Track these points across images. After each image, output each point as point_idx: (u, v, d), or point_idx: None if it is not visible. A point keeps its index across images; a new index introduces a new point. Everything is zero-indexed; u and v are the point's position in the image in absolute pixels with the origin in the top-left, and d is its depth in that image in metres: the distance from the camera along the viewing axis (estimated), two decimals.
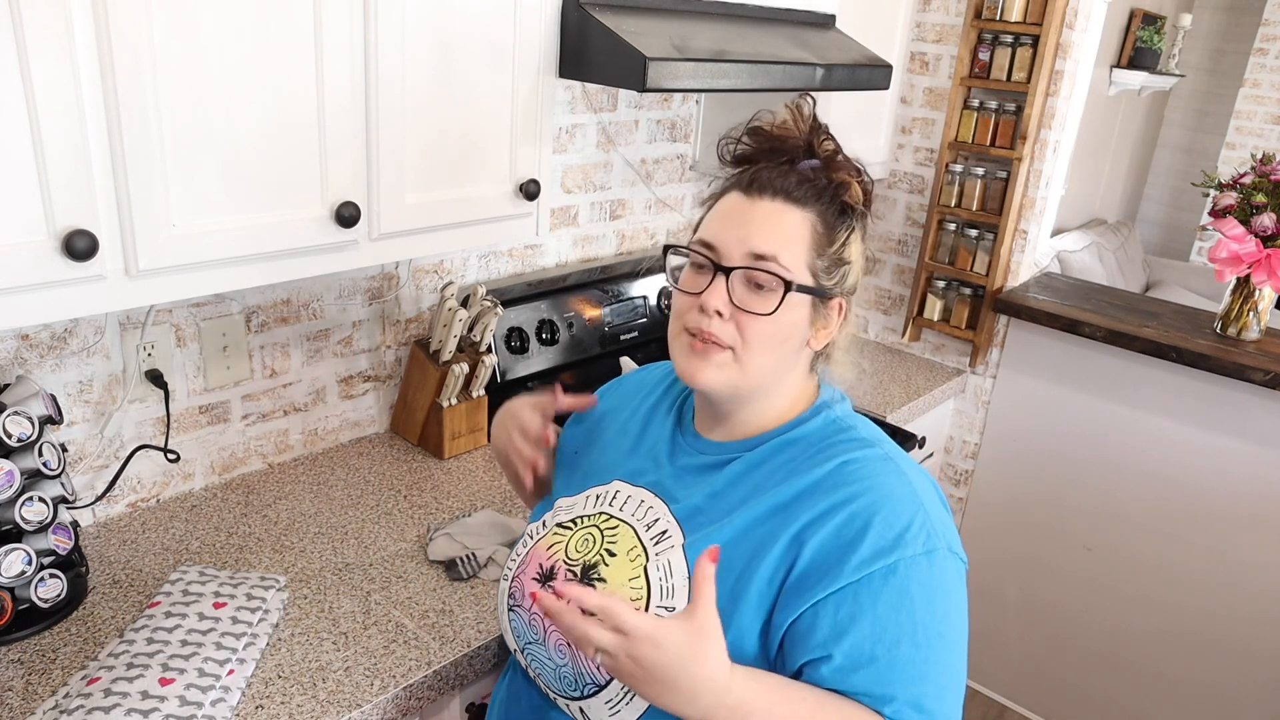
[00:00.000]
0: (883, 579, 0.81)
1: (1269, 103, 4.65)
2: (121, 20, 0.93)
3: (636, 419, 1.06)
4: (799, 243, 0.88)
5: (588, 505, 0.99)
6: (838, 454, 0.89)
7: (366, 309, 1.69)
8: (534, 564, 0.96)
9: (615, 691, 0.86)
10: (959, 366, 2.44)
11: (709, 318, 0.88)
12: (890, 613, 0.80)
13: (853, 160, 0.94)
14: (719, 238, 0.89)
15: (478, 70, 1.30)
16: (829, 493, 0.86)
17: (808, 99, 0.95)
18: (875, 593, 0.80)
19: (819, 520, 0.84)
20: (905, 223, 2.45)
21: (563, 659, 0.90)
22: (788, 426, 0.94)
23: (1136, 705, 2.37)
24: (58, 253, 0.95)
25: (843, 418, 0.95)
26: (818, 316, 0.92)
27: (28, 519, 1.15)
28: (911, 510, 0.84)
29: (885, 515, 0.83)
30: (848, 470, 0.87)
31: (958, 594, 0.85)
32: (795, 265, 0.88)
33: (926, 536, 0.83)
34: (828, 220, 0.90)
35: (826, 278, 0.90)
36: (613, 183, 2.07)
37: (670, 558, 0.89)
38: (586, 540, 0.94)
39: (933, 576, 0.82)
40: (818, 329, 0.92)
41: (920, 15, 2.31)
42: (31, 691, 1.09)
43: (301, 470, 1.63)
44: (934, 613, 0.81)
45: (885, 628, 0.80)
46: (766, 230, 0.88)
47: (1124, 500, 2.27)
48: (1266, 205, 2.00)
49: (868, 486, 0.85)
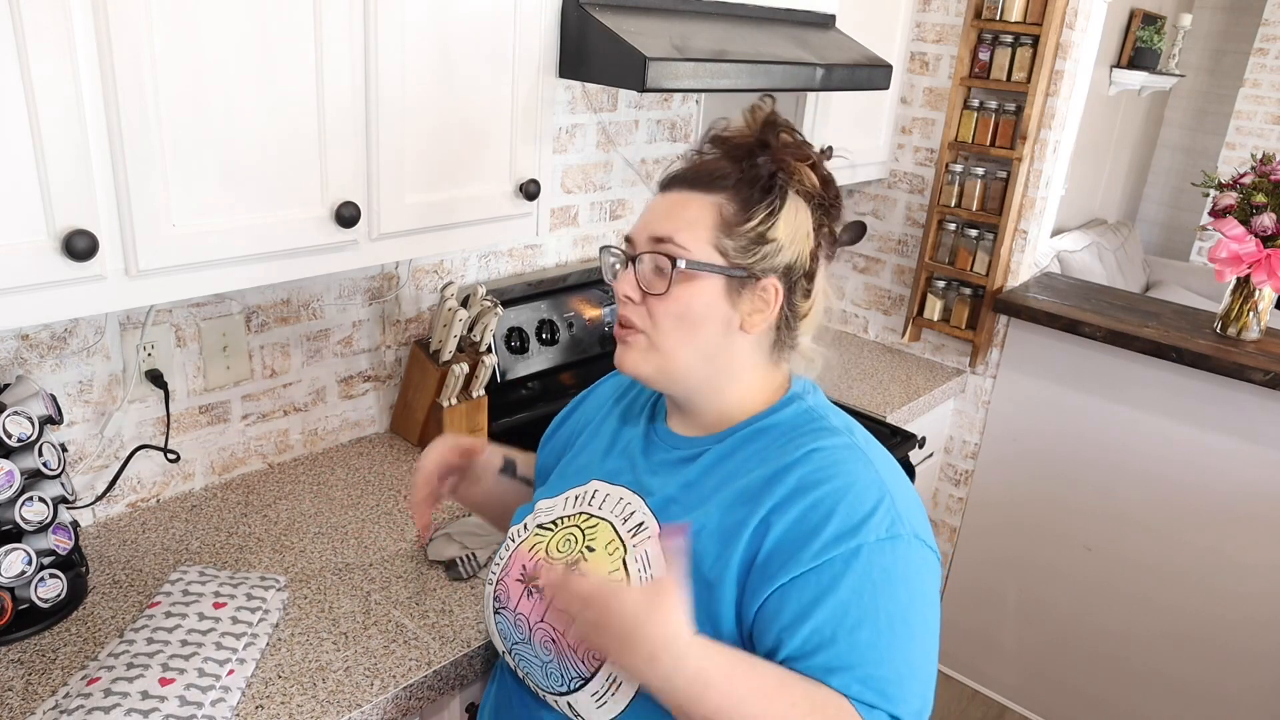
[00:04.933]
0: (844, 563, 0.81)
1: (1269, 103, 4.65)
2: (121, 20, 0.93)
3: (610, 421, 1.08)
4: (700, 224, 0.90)
5: (567, 506, 1.00)
6: (806, 442, 0.90)
7: (366, 309, 1.69)
8: (516, 566, 0.98)
9: (601, 684, 0.87)
10: (959, 366, 2.44)
11: (623, 304, 0.94)
12: (851, 596, 0.80)
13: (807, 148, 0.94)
14: (634, 232, 0.95)
15: (478, 70, 1.30)
16: (795, 479, 0.86)
17: (766, 100, 0.96)
18: (837, 576, 0.81)
19: (783, 505, 0.85)
20: (905, 223, 2.45)
21: (549, 655, 0.91)
22: (758, 417, 0.95)
23: (1136, 705, 2.37)
24: (58, 253, 0.95)
25: (815, 408, 0.96)
26: (741, 298, 0.91)
27: (28, 519, 1.15)
28: (876, 496, 0.85)
29: (849, 501, 0.84)
30: (815, 457, 0.88)
31: (923, 581, 0.84)
32: (695, 245, 0.90)
33: (891, 522, 0.83)
34: (742, 200, 0.90)
35: (742, 256, 0.90)
36: (613, 183, 2.07)
37: (648, 548, 0.91)
38: (568, 540, 0.96)
39: (896, 562, 0.82)
40: (746, 312, 0.92)
41: (920, 15, 2.31)
42: (31, 691, 1.08)
43: (301, 470, 1.63)
44: (895, 598, 0.81)
45: (846, 611, 0.80)
46: (666, 216, 0.92)
47: (1124, 500, 2.27)
48: (1266, 205, 2.00)
49: (834, 473, 0.86)
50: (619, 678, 0.87)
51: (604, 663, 0.87)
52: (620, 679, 0.87)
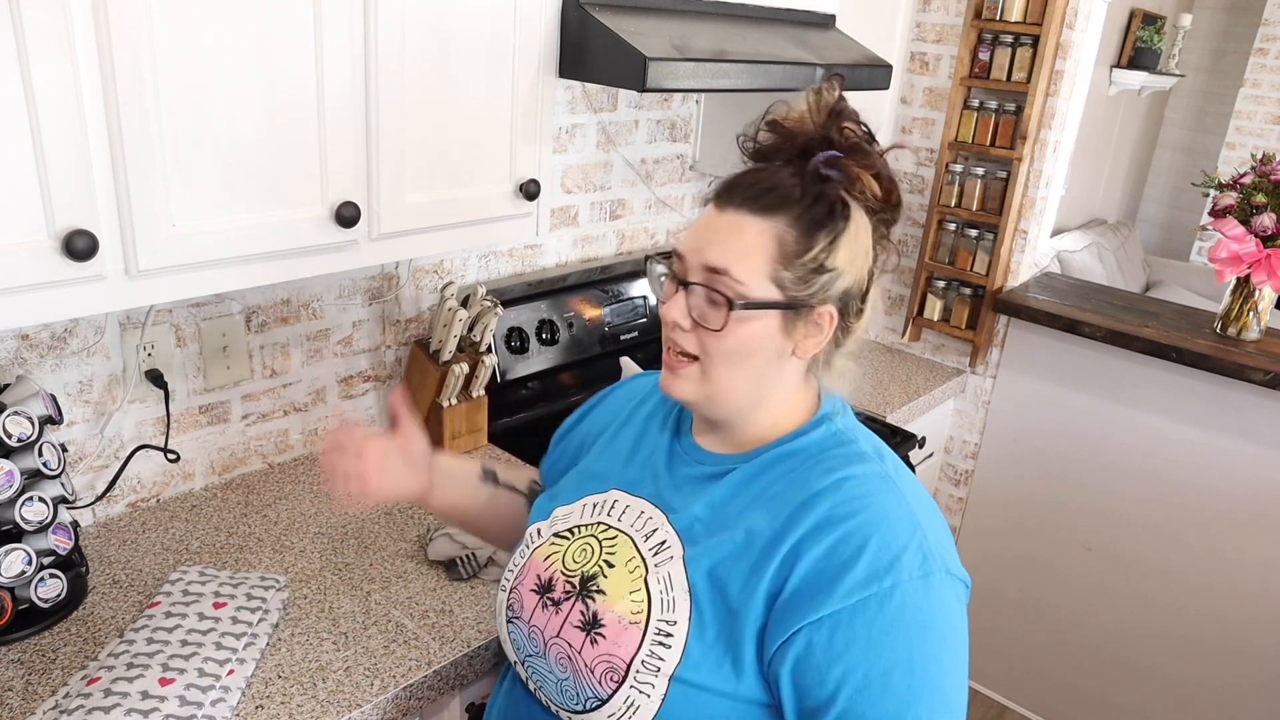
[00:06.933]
0: (878, 604, 0.78)
1: (1269, 103, 4.65)
2: (121, 20, 0.93)
3: (631, 427, 1.05)
4: (758, 255, 0.85)
5: (584, 514, 0.98)
6: (837, 468, 0.87)
7: (366, 309, 1.69)
8: (531, 575, 0.95)
9: (618, 706, 0.85)
10: (959, 366, 2.44)
11: (672, 329, 0.89)
12: (884, 639, 0.78)
13: (872, 149, 0.88)
14: (685, 248, 0.89)
15: (478, 70, 1.30)
16: (826, 508, 0.83)
17: (832, 84, 0.89)
18: (870, 619, 0.78)
19: (813, 535, 0.82)
20: (905, 223, 2.45)
21: (564, 673, 0.89)
22: (788, 438, 0.92)
23: (1136, 705, 2.37)
24: (58, 253, 0.95)
25: (844, 430, 0.93)
26: (795, 328, 0.88)
27: (28, 519, 1.15)
28: (908, 533, 0.82)
29: (882, 537, 0.81)
30: (846, 486, 0.85)
31: (956, 617, 0.82)
32: (752, 279, 0.85)
33: (923, 559, 0.81)
34: (803, 227, 0.85)
35: (800, 288, 0.86)
36: (613, 183, 2.07)
37: (670, 570, 0.88)
38: (584, 550, 0.93)
39: (930, 601, 0.80)
40: (799, 339, 0.88)
41: (920, 15, 2.31)
42: (31, 691, 1.08)
43: (301, 470, 1.63)
44: (929, 639, 0.79)
45: (879, 654, 0.78)
46: (722, 244, 0.86)
47: (1124, 500, 2.27)
48: (1266, 205, 2.00)
49: (865, 505, 0.83)
50: (638, 702, 0.84)
51: (622, 685, 0.85)
52: (639, 704, 0.84)
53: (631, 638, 0.85)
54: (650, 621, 0.85)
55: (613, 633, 0.86)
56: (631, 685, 0.84)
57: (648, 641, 0.84)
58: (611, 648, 0.86)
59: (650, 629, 0.85)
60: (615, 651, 0.85)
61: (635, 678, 0.84)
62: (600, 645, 0.86)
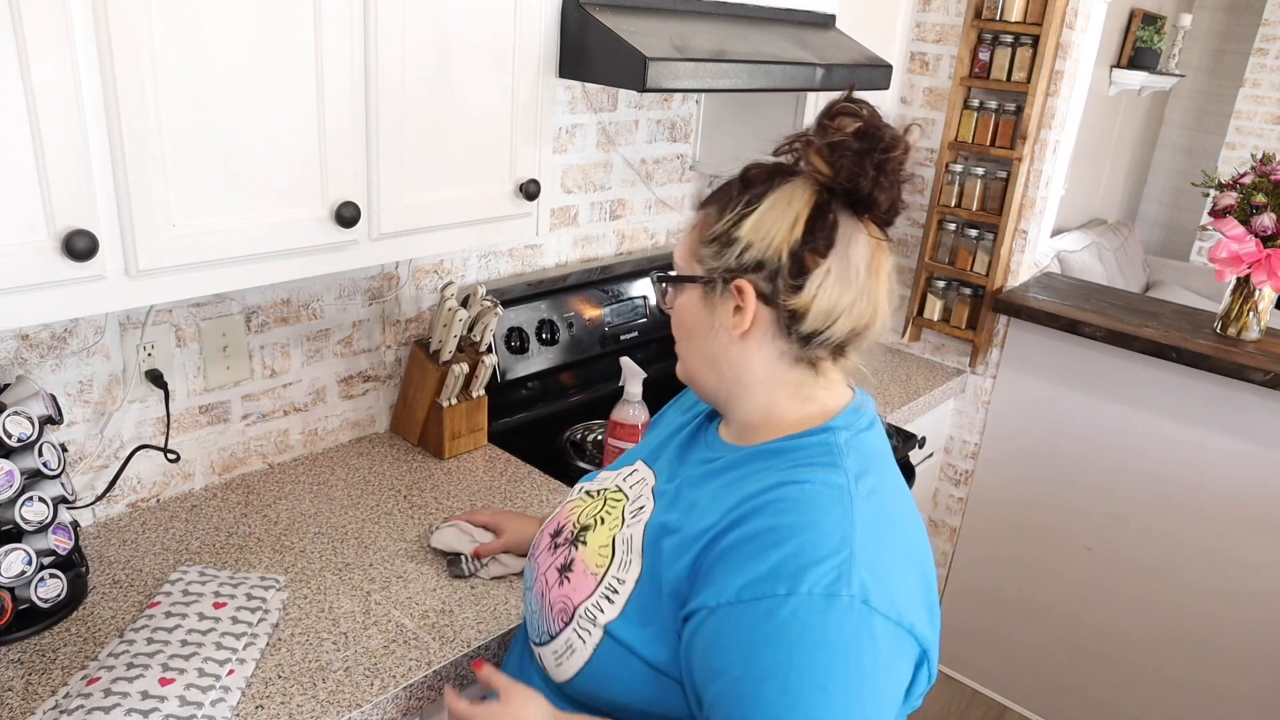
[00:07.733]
0: (768, 610, 0.75)
1: (1269, 103, 4.65)
2: (121, 20, 0.93)
3: (685, 414, 1.10)
4: (689, 236, 0.93)
5: (615, 480, 1.05)
6: (804, 473, 0.84)
7: (366, 309, 1.69)
8: (555, 521, 1.04)
9: (560, 645, 0.92)
10: (959, 366, 2.44)
11: None
12: (765, 646, 0.75)
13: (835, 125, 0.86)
14: None
15: (478, 70, 1.30)
16: (766, 499, 0.82)
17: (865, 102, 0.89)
18: (755, 622, 0.76)
19: (741, 522, 0.81)
20: (905, 222, 2.45)
21: (536, 606, 0.97)
22: (785, 439, 0.90)
23: (1136, 705, 2.37)
24: (58, 253, 0.95)
25: (840, 444, 0.87)
26: (713, 301, 0.89)
27: (28, 519, 1.15)
28: (832, 548, 0.77)
29: (802, 543, 0.77)
30: (795, 488, 0.82)
31: (862, 651, 0.75)
32: (682, 258, 0.93)
33: (835, 579, 0.75)
34: (722, 204, 0.89)
35: (713, 261, 0.88)
36: (613, 183, 2.07)
37: (634, 531, 0.92)
38: (595, 507, 1.00)
39: (826, 623, 0.74)
40: (724, 315, 0.88)
41: (920, 15, 2.31)
42: (31, 691, 1.08)
43: (301, 470, 1.63)
44: (815, 661, 0.74)
45: (757, 660, 0.75)
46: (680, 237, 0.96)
47: (1124, 500, 2.27)
48: (1266, 205, 2.00)
49: (804, 509, 0.80)
50: (575, 646, 0.90)
51: (566, 627, 0.91)
52: (576, 648, 0.90)
53: (587, 585, 0.91)
54: (607, 575, 0.91)
55: (577, 578, 0.93)
56: (574, 629, 0.90)
57: (598, 593, 0.90)
58: (571, 591, 0.92)
59: (604, 582, 0.90)
60: (572, 595, 0.92)
61: (578, 623, 0.90)
62: (564, 587, 0.94)
